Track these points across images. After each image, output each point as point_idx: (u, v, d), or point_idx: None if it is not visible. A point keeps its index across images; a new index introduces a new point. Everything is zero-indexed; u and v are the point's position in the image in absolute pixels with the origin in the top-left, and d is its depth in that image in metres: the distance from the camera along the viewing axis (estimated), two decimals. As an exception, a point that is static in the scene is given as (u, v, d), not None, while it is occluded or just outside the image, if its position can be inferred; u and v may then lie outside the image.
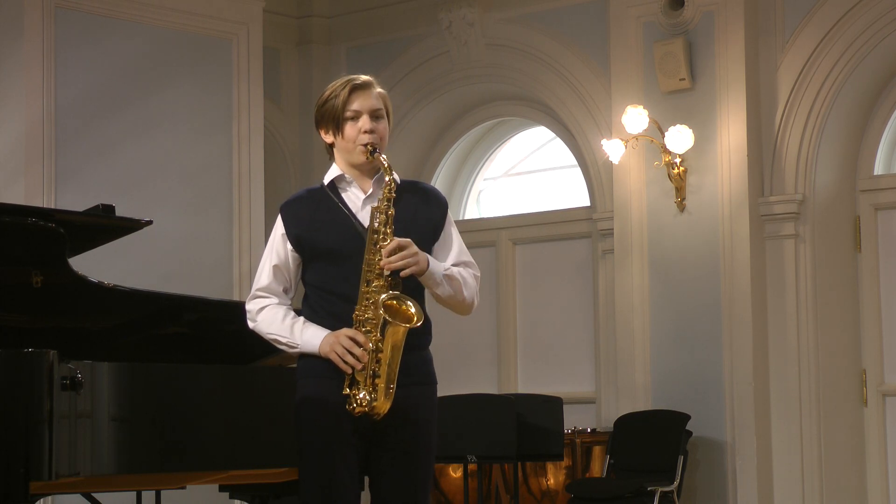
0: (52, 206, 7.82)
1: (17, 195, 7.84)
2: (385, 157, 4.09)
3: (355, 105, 4.15)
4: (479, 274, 4.24)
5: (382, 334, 3.99)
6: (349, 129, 4.15)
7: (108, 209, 5.19)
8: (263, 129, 9.15)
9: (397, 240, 4.02)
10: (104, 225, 5.30)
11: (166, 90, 8.62)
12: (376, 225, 4.03)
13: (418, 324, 3.99)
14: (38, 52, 8.08)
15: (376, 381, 3.99)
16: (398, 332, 3.99)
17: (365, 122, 4.13)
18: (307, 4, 10.38)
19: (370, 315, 4.01)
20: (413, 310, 4.00)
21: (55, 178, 8.09)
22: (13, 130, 8.05)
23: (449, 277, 4.12)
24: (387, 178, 4.07)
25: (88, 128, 8.29)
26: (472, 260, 4.25)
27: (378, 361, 3.99)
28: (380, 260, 4.00)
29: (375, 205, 4.06)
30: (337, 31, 10.34)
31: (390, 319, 3.97)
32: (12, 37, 8.08)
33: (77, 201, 7.47)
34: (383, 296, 3.99)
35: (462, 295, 4.15)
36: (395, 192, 4.10)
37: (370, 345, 3.99)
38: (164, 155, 8.58)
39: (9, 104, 8.08)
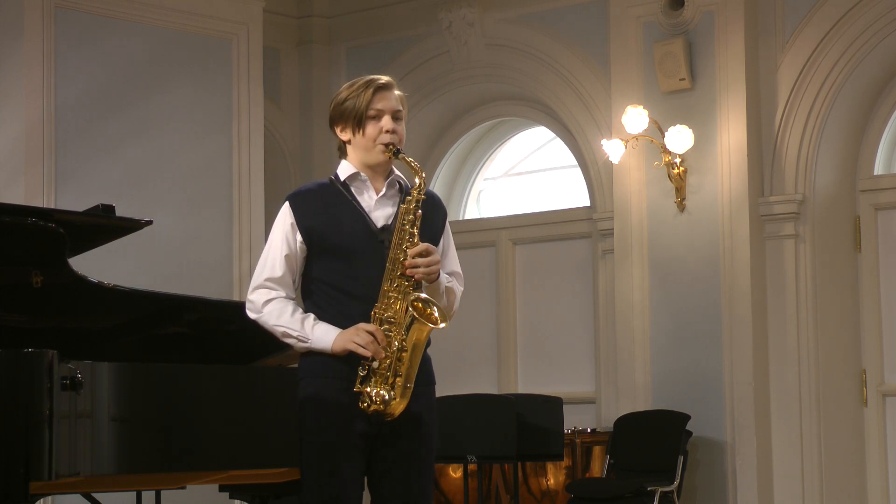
0: (52, 206, 7.82)
1: (17, 195, 7.84)
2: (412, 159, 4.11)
3: (379, 105, 4.15)
4: (463, 288, 4.27)
5: (407, 333, 3.99)
6: (371, 127, 4.14)
7: (108, 209, 5.18)
8: (263, 129, 9.15)
9: (425, 244, 4.03)
10: (104, 225, 5.29)
11: (166, 90, 8.62)
12: (404, 224, 4.04)
13: (442, 325, 3.99)
14: (38, 52, 8.08)
15: (397, 379, 3.99)
16: (423, 332, 3.99)
17: (387, 121, 4.14)
18: (307, 4, 10.37)
19: (391, 314, 4.00)
20: (437, 314, 4.00)
21: (55, 178, 8.09)
22: (13, 130, 8.05)
23: (448, 290, 4.16)
24: (417, 180, 4.08)
25: (88, 128, 8.29)
26: (461, 272, 4.28)
27: (401, 360, 3.99)
28: (404, 260, 4.00)
29: (404, 204, 4.07)
30: (337, 31, 10.34)
31: (418, 317, 3.97)
32: (12, 37, 8.08)
33: (77, 201, 7.46)
34: (423, 295, 4.00)
35: (452, 308, 4.20)
36: (405, 197, 4.10)
37: (395, 343, 3.98)
38: (164, 155, 8.58)
39: (9, 104, 8.08)
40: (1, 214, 4.84)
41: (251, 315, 4.16)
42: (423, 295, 4.02)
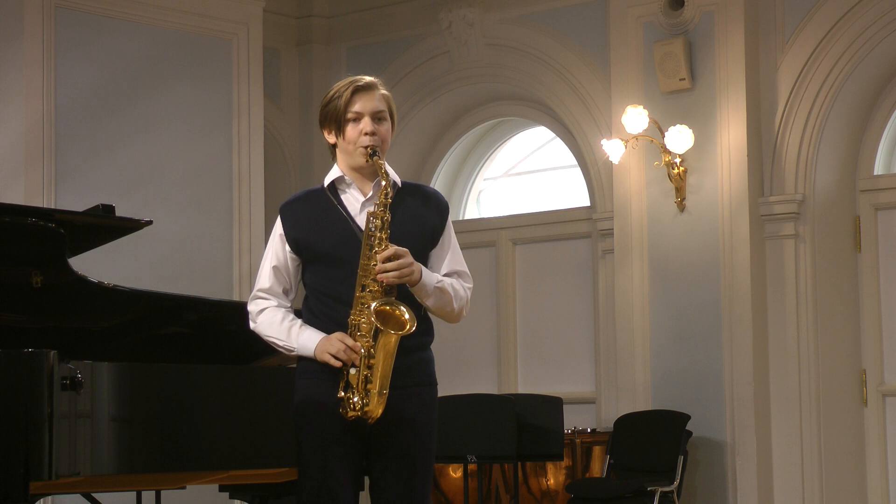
0: (52, 206, 7.82)
1: (17, 195, 7.84)
2: (383, 160, 4.08)
3: (357, 106, 4.13)
4: (471, 286, 4.22)
5: (374, 340, 3.99)
6: (350, 130, 4.13)
7: (108, 209, 5.18)
8: (263, 129, 9.15)
9: (394, 247, 4.00)
10: (104, 225, 5.29)
11: (166, 90, 8.62)
12: (372, 229, 4.02)
13: (411, 331, 3.98)
14: (38, 52, 8.08)
15: (368, 386, 3.99)
16: (390, 340, 3.97)
17: (366, 123, 4.12)
18: (307, 4, 10.37)
19: (363, 320, 4.00)
20: (406, 316, 3.98)
21: (55, 178, 8.09)
22: (13, 130, 8.05)
23: (440, 290, 4.10)
24: (382, 183, 4.05)
25: (88, 128, 8.29)
26: (467, 270, 4.23)
27: (370, 367, 3.99)
28: (375, 265, 3.99)
29: (372, 209, 4.06)
30: (337, 31, 10.34)
31: (381, 327, 3.96)
32: (12, 37, 8.08)
33: (77, 201, 7.46)
34: (375, 303, 3.98)
35: (451, 306, 4.14)
36: (396, 195, 4.09)
37: (362, 350, 3.98)
38: (164, 155, 8.58)
39: (9, 104, 8.07)
40: (1, 214, 4.84)
41: (251, 325, 4.23)
42: (390, 298, 3.98)
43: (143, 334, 5.52)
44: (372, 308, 3.96)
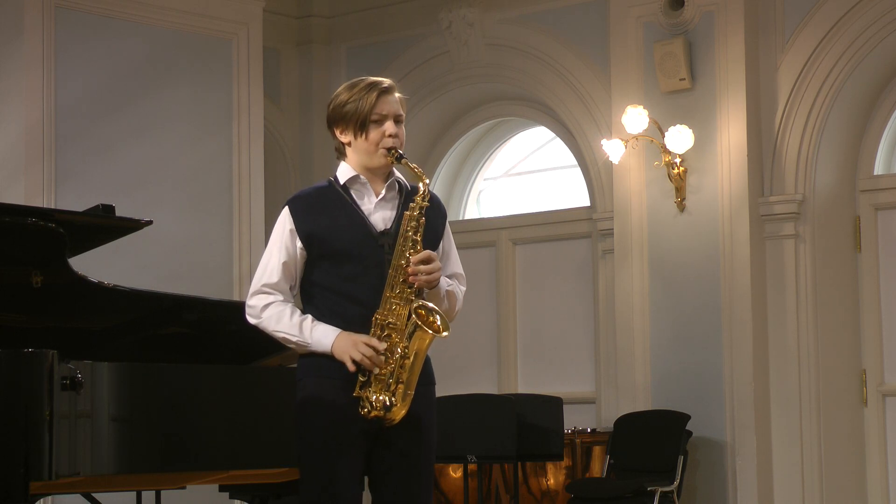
0: (52, 206, 7.82)
1: (17, 195, 7.84)
2: (416, 164, 4.12)
3: (383, 109, 4.15)
4: (465, 287, 4.29)
5: (409, 340, 4.00)
6: (374, 132, 4.14)
7: (108, 209, 5.18)
8: (263, 129, 9.15)
9: (427, 251, 4.05)
10: (104, 225, 5.29)
11: (166, 90, 8.63)
12: (407, 231, 4.05)
13: (444, 334, 4.00)
14: (38, 52, 8.08)
15: (398, 386, 3.99)
16: (425, 340, 4.00)
17: (390, 126, 4.15)
18: (307, 4, 10.37)
19: (392, 320, 4.01)
20: (439, 322, 4.01)
21: (55, 178, 8.09)
22: (13, 130, 8.05)
23: (449, 294, 4.17)
24: (420, 187, 4.08)
25: (88, 128, 8.29)
26: (463, 272, 4.29)
27: (403, 367, 4.00)
28: (407, 266, 4.01)
29: (407, 211, 4.07)
30: (337, 31, 10.34)
31: (421, 324, 3.97)
32: (12, 37, 8.08)
33: (77, 201, 7.47)
34: (426, 303, 4.01)
35: (454, 310, 4.21)
36: (404, 199, 4.13)
37: (398, 350, 3.99)
38: (164, 155, 8.58)
39: (9, 104, 8.08)
40: (1, 214, 4.84)
41: (251, 320, 4.17)
42: (429, 304, 4.02)
43: (143, 334, 5.52)
44: (413, 307, 3.98)
